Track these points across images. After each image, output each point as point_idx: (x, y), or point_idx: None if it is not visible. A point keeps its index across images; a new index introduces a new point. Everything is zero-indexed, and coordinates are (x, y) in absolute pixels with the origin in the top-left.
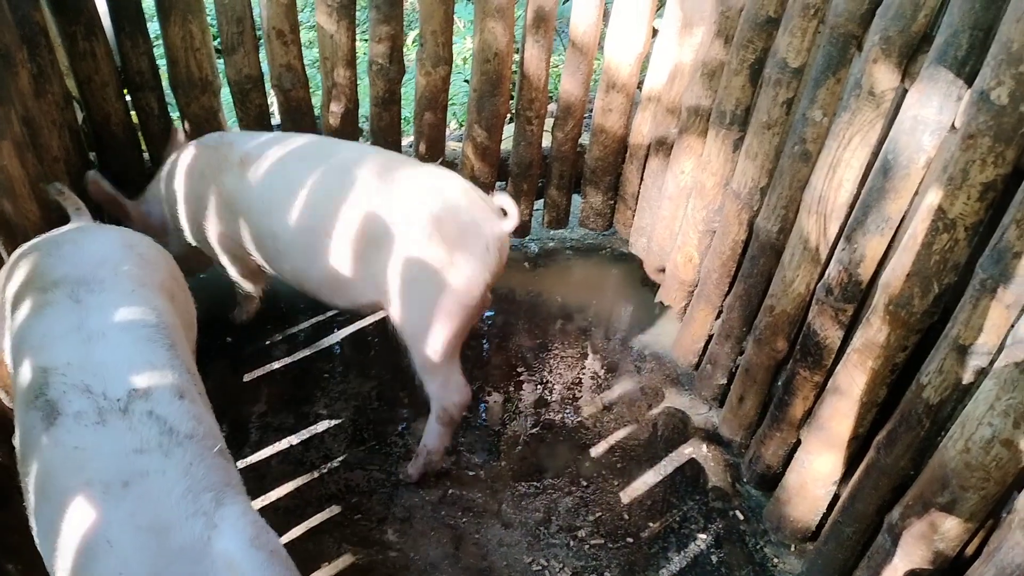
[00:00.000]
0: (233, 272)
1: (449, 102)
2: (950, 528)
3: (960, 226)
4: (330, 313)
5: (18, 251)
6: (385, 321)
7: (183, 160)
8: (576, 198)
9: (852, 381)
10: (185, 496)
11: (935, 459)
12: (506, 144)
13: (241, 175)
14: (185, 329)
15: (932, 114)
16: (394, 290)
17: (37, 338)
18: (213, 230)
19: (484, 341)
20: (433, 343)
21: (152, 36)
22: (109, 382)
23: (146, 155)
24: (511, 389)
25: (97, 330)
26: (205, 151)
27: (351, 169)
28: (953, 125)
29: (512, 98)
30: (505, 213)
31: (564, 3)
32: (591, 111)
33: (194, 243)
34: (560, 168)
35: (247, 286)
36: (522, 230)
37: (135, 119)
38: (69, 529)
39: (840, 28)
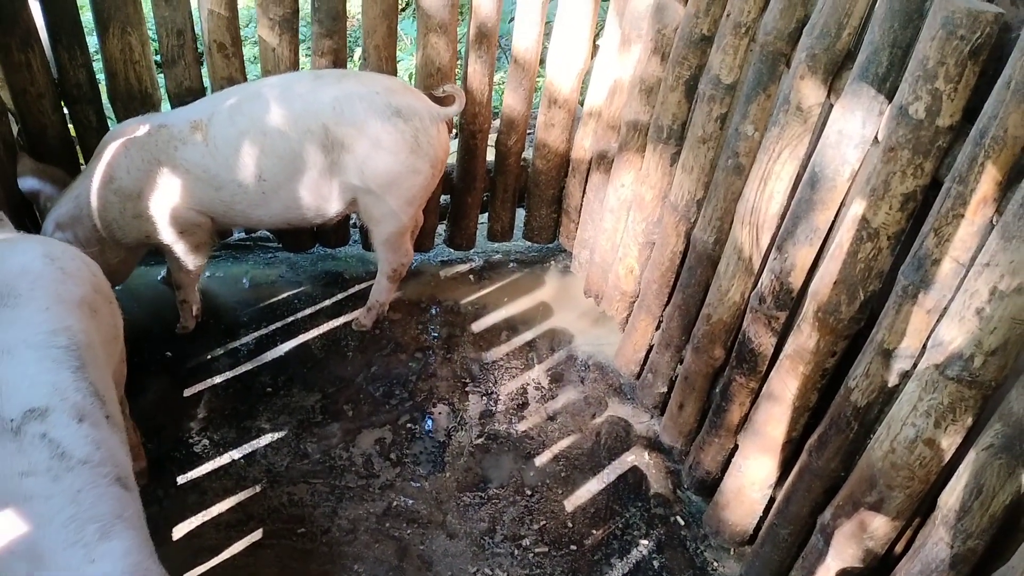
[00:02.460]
0: (182, 248)
1: None
2: (879, 527)
3: (883, 235)
4: (273, 327)
5: None
6: (328, 335)
7: (122, 161)
8: (520, 212)
9: (785, 386)
10: (67, 525)
11: (863, 460)
12: (451, 158)
13: (203, 141)
14: (107, 344)
15: (856, 128)
16: (365, 187)
17: None
18: (170, 210)
19: (430, 352)
20: (398, 222)
21: (91, 48)
22: (5, 401)
23: (83, 167)
24: (456, 400)
25: (2, 347)
26: (145, 141)
27: (303, 90)
28: (876, 138)
29: None
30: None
31: (509, 22)
32: (534, 126)
33: (134, 242)
34: (504, 182)
35: (189, 268)
36: (467, 243)
37: (72, 132)
38: None
39: (769, 46)
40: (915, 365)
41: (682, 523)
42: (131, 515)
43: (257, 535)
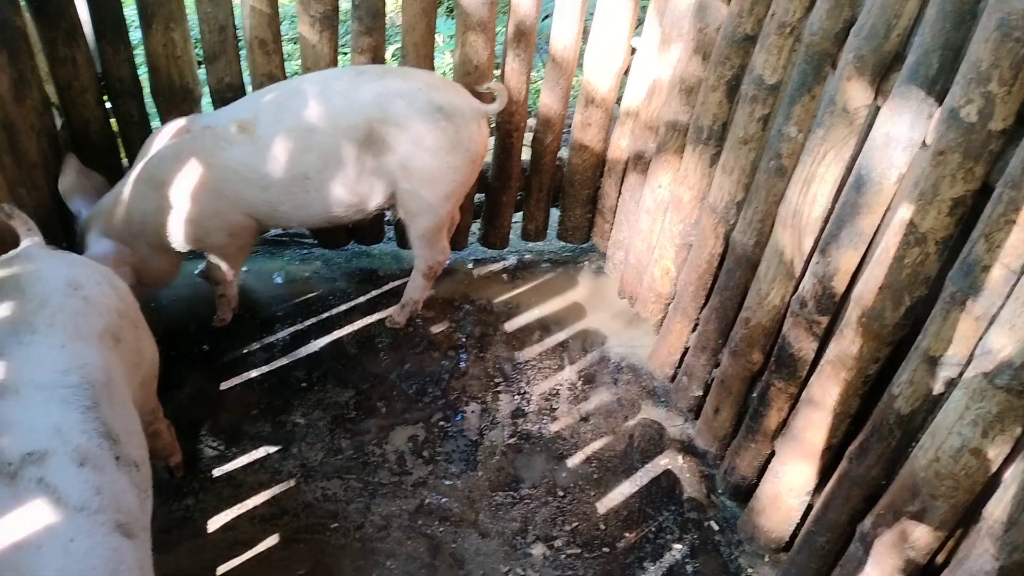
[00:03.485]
0: (227, 251)
1: None
2: (920, 537)
3: (931, 240)
4: (308, 322)
5: None
6: (362, 331)
7: (168, 165)
8: (555, 211)
9: (826, 392)
10: None
11: (906, 469)
12: (486, 157)
13: (250, 140)
14: (131, 371)
15: (904, 131)
16: (406, 183)
17: None
18: (218, 213)
19: (462, 352)
20: (436, 218)
21: (134, 43)
22: (6, 443)
23: (125, 162)
24: (489, 400)
25: (11, 385)
26: (191, 143)
27: (345, 87)
28: (924, 142)
29: None
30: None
31: (544, 19)
32: (570, 125)
33: (181, 246)
34: (539, 181)
35: (232, 268)
36: (501, 242)
37: (115, 126)
38: None
39: (815, 46)
40: (962, 373)
41: (716, 528)
42: (128, 567)
43: (291, 529)
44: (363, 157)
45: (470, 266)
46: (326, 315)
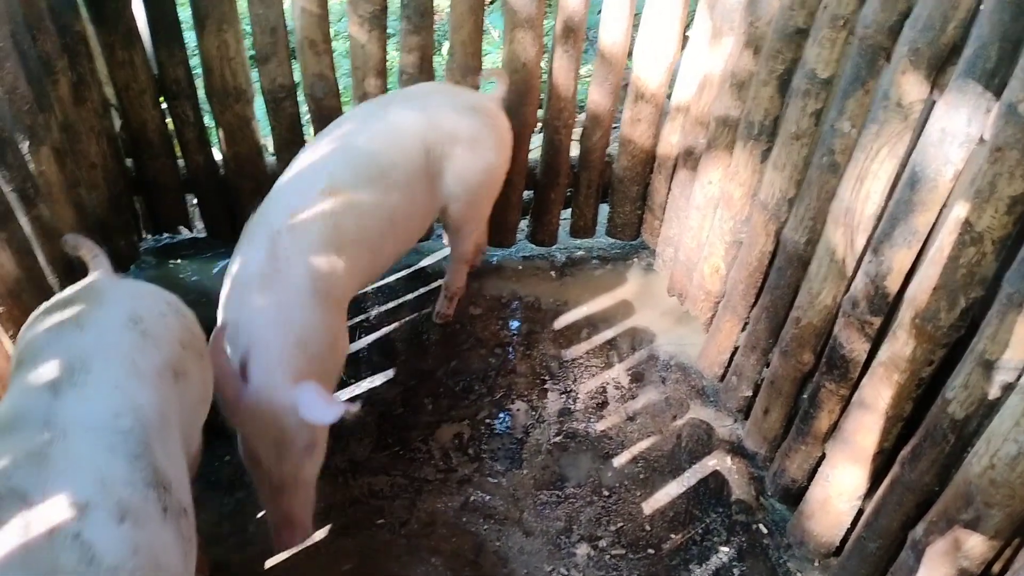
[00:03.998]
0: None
1: None
2: (974, 546)
3: (987, 239)
4: (355, 319)
5: (37, 312)
6: (408, 326)
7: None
8: (604, 208)
9: (878, 395)
10: None
11: (960, 475)
12: (534, 153)
13: (340, 201)
14: (194, 408)
15: (960, 126)
16: (458, 194)
17: (7, 421)
18: (337, 289)
19: (509, 349)
20: (480, 217)
21: (189, 46)
22: (47, 492)
23: (181, 161)
24: (535, 397)
25: (60, 429)
26: (296, 227)
27: (389, 117)
28: (982, 137)
29: (541, 107)
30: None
31: (598, 13)
32: (620, 120)
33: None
34: (588, 177)
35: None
36: (549, 239)
37: (171, 126)
38: None
39: (869, 39)
40: (1019, 378)
41: (765, 531)
42: None
43: (338, 524)
44: (426, 181)
45: (518, 263)
46: (375, 312)
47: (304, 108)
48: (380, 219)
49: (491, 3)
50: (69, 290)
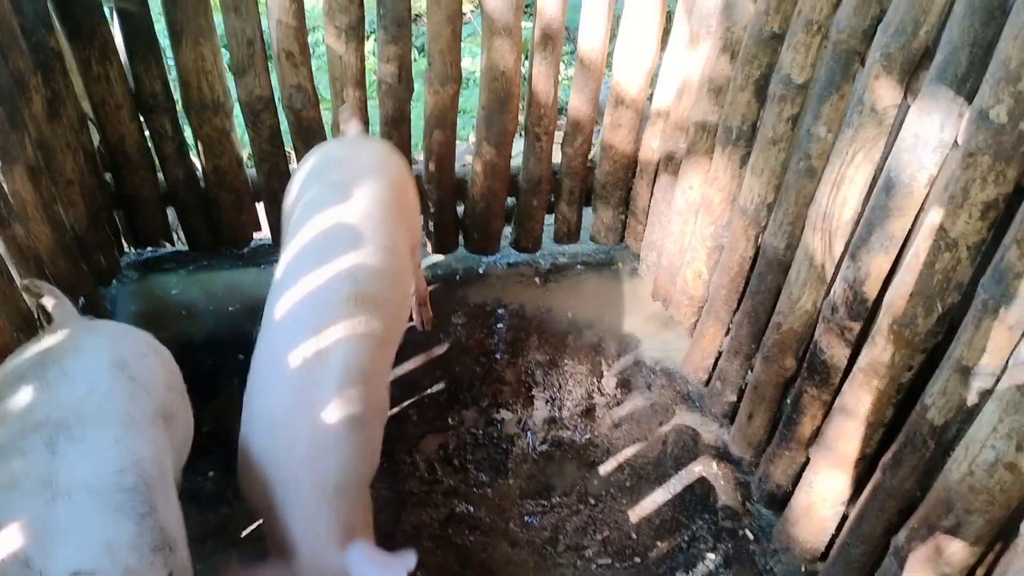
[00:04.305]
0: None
1: (464, 117)
2: (955, 552)
3: (962, 245)
4: None
5: (5, 366)
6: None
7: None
8: (588, 213)
9: (858, 401)
10: None
11: (940, 482)
12: (516, 160)
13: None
14: (182, 447)
15: (934, 132)
16: (412, 224)
17: (5, 488)
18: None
19: (494, 357)
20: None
21: (165, 59)
22: (52, 559)
23: (160, 175)
24: (520, 406)
25: (63, 490)
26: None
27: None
28: (955, 142)
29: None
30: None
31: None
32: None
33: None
34: (570, 184)
35: None
36: (533, 245)
37: (150, 140)
38: None
39: (843, 44)
40: (996, 384)
41: (751, 537)
42: None
43: None
44: (398, 246)
45: (502, 270)
46: None
47: (284, 119)
48: (396, 291)
49: (474, 10)
50: (38, 339)
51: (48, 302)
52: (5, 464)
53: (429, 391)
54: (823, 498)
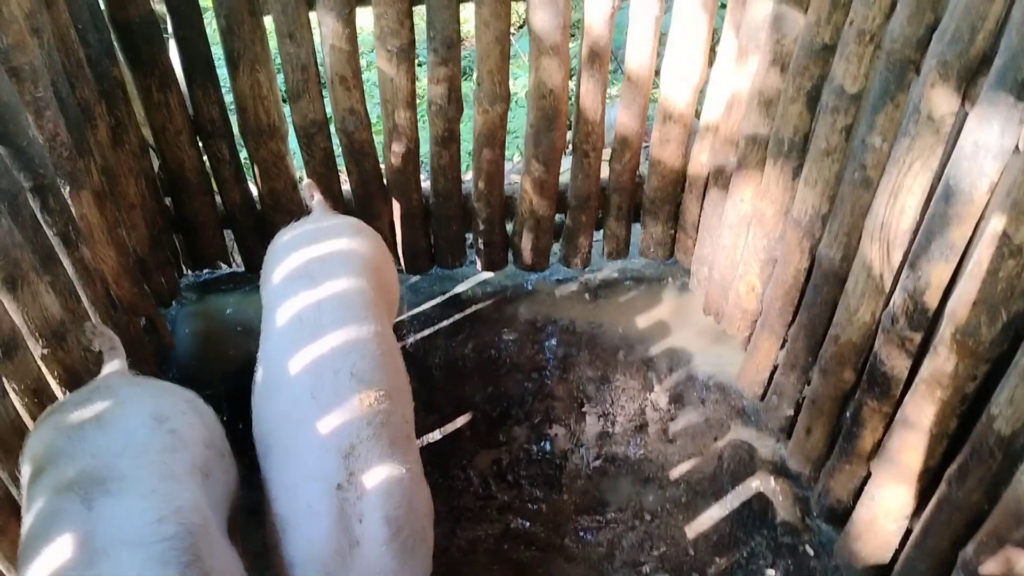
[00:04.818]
0: None
1: (511, 136)
2: None
3: None
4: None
5: (46, 413)
6: (444, 353)
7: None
8: (636, 229)
9: (921, 412)
10: None
11: (1009, 493)
12: (565, 177)
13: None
14: (224, 501)
15: (993, 138)
16: (393, 298)
17: (44, 551)
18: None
19: (546, 373)
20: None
21: (222, 86)
22: None
23: (218, 198)
24: (573, 421)
25: (103, 547)
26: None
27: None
28: (1017, 148)
29: (570, 131)
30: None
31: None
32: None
33: None
34: (619, 200)
35: None
36: (582, 262)
37: (207, 165)
38: None
39: (897, 53)
40: None
41: (811, 553)
42: None
43: None
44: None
45: (552, 287)
46: (411, 339)
47: (336, 142)
48: (397, 375)
49: (520, 28)
50: (81, 390)
51: (104, 347)
52: (48, 527)
53: (482, 407)
54: (886, 512)
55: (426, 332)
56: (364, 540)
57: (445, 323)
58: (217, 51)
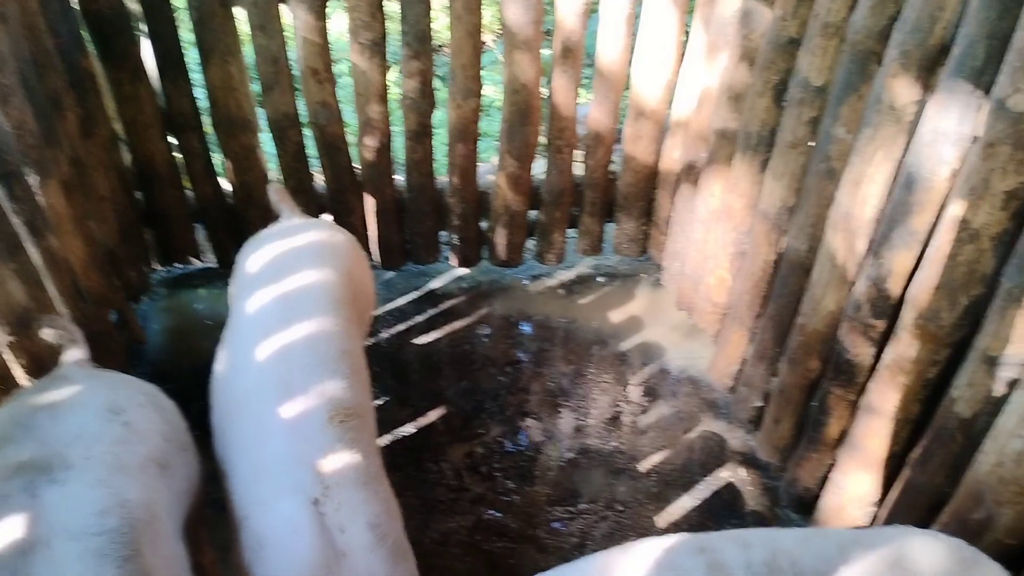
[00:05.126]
0: None
1: (488, 139)
2: (988, 546)
3: (984, 236)
4: (369, 341)
5: (5, 404)
6: (417, 347)
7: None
8: (610, 225)
9: (885, 398)
10: None
11: (969, 475)
12: (538, 173)
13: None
14: (179, 498)
15: (952, 126)
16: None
17: None
18: None
19: (520, 368)
20: None
21: (194, 79)
22: None
23: (189, 193)
24: (546, 415)
25: (42, 537)
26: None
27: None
28: (975, 135)
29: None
30: None
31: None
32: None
33: None
34: (592, 196)
35: None
36: (556, 258)
37: (179, 158)
38: None
39: (860, 45)
40: (1023, 373)
41: None
42: None
43: None
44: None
45: (526, 282)
46: (385, 335)
47: (309, 135)
48: (365, 392)
49: (496, 40)
50: (41, 380)
51: (64, 339)
52: None
53: (455, 401)
54: (852, 499)
55: (400, 327)
56: (351, 550)
57: (419, 318)
58: (189, 43)
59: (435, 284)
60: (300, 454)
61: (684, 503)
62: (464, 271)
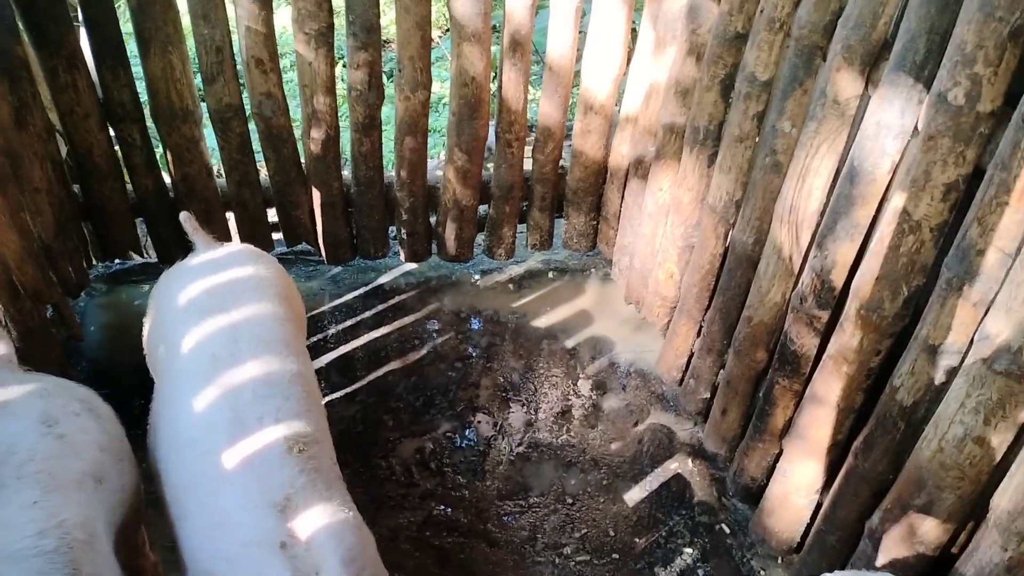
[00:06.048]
0: None
1: (438, 134)
2: (929, 530)
3: (925, 227)
4: (313, 339)
5: None
6: (366, 343)
7: None
8: (560, 220)
9: (829, 388)
10: None
11: (911, 461)
12: (488, 167)
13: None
14: (114, 511)
15: (894, 119)
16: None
17: None
18: None
19: (470, 362)
20: None
21: (133, 68)
22: None
23: (129, 186)
24: (496, 409)
25: None
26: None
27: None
28: (916, 128)
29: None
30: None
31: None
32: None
33: None
34: (542, 190)
35: None
36: (506, 253)
37: (118, 150)
38: None
39: (804, 39)
40: (963, 361)
41: (728, 531)
42: None
43: None
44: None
45: (476, 277)
46: (332, 330)
47: (253, 127)
48: (320, 413)
49: (443, 36)
50: None
51: None
52: None
53: (405, 397)
54: (797, 487)
55: (348, 323)
56: None
57: (367, 314)
58: (128, 31)
59: (384, 279)
60: (261, 496)
61: (634, 495)
62: (413, 266)
